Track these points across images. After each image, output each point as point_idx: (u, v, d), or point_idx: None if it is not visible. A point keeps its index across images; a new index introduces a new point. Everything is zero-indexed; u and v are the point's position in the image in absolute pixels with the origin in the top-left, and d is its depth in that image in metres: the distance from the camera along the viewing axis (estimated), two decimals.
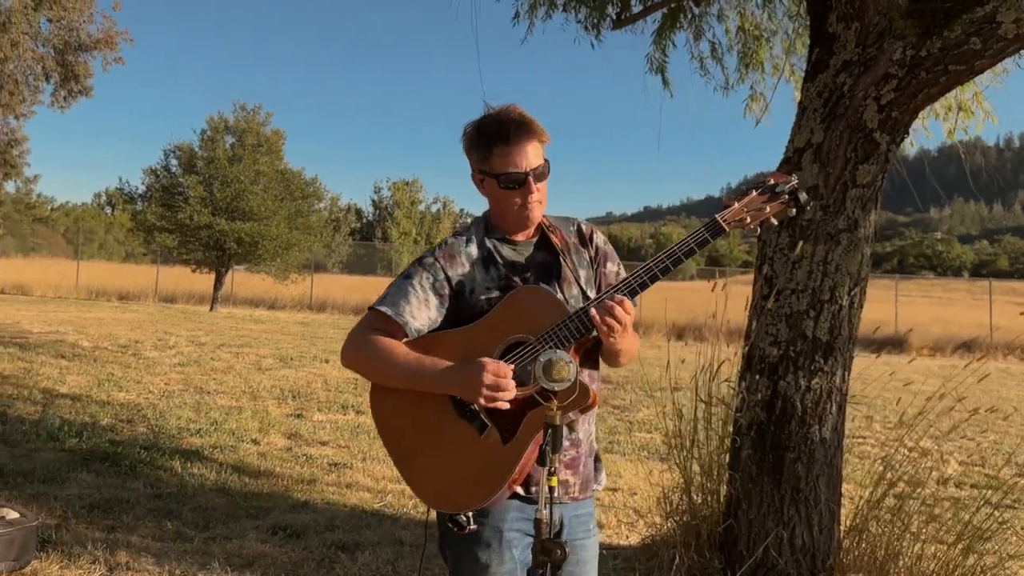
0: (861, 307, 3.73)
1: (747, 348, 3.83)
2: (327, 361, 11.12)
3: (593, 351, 2.05)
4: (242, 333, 15.08)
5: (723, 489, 3.90)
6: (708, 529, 3.81)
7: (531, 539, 1.98)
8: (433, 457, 1.89)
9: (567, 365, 1.68)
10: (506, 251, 2.01)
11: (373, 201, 60.93)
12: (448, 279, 1.96)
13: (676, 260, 1.87)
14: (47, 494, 4.59)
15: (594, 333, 1.90)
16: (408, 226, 53.00)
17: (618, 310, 1.80)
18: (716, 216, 1.86)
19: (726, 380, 3.96)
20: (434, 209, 56.91)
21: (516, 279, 1.97)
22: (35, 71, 22.51)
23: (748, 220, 1.86)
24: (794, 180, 1.87)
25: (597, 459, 2.15)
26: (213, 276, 22.42)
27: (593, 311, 1.80)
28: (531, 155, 1.92)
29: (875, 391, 7.36)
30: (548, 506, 1.67)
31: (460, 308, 1.96)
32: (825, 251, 3.63)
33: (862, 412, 8.47)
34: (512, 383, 1.78)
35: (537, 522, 1.61)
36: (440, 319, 1.96)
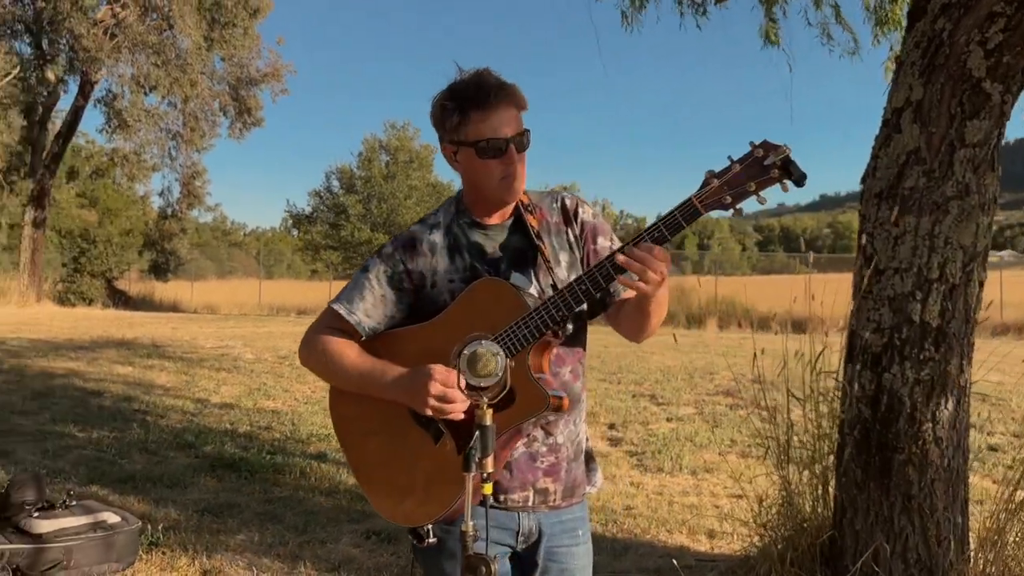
0: (981, 285, 3.23)
1: (848, 336, 3.42)
2: None
3: (578, 343, 1.84)
4: None
5: (829, 496, 3.51)
6: (809, 540, 3.43)
7: (504, 548, 1.81)
8: (388, 466, 1.75)
9: (493, 358, 1.49)
10: (476, 236, 1.82)
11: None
12: (408, 271, 1.80)
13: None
14: (169, 498, 4.85)
15: (566, 330, 1.69)
16: None
17: (647, 258, 1.57)
18: (691, 197, 1.59)
19: (826, 371, 3.56)
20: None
21: (483, 268, 1.80)
22: (212, 107, 24.45)
23: (729, 200, 1.57)
24: (786, 149, 1.56)
25: (590, 459, 1.94)
26: None
27: (621, 258, 1.58)
28: (511, 121, 1.73)
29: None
30: (485, 516, 1.49)
31: (422, 302, 1.81)
32: (931, 222, 3.16)
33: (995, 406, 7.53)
34: (463, 394, 1.59)
35: (462, 534, 1.43)
36: (400, 315, 1.81)
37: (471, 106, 1.71)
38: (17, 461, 5.39)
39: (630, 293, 1.78)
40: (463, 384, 1.52)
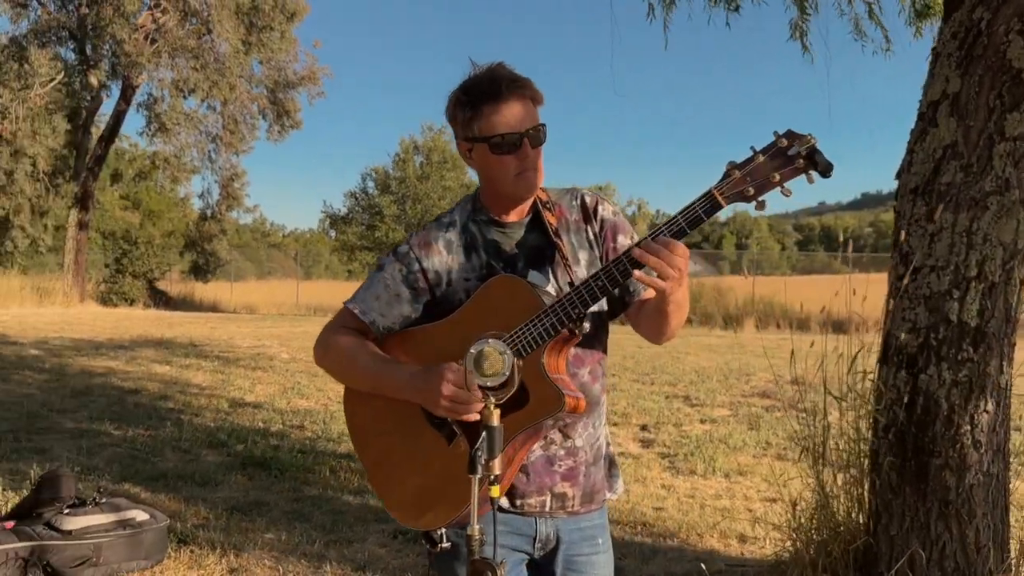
0: (1022, 284, 3.12)
1: (883, 336, 3.33)
2: None
3: (598, 344, 1.79)
4: None
5: (865, 500, 3.41)
6: (843, 546, 3.33)
7: (520, 555, 1.77)
8: (401, 467, 1.72)
9: (500, 356, 1.45)
10: (492, 234, 1.78)
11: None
12: (423, 270, 1.76)
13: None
14: (199, 496, 4.89)
15: (584, 330, 1.65)
16: None
17: (664, 252, 1.51)
18: (711, 188, 1.54)
19: (864, 372, 3.46)
20: (629, 212, 56.45)
21: (500, 267, 1.75)
22: (251, 110, 24.76)
23: (751, 191, 1.51)
24: (812, 138, 1.49)
25: (612, 464, 1.89)
26: None
27: (637, 251, 1.53)
28: (526, 115, 1.68)
29: None
30: (493, 520, 1.45)
31: (438, 301, 1.77)
32: (969, 219, 3.06)
33: None
34: (477, 394, 1.54)
35: (468, 538, 1.40)
36: (415, 315, 1.78)
37: (483, 100, 1.67)
38: (53, 458, 5.48)
39: (650, 293, 1.73)
40: (473, 384, 1.48)
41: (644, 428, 7.45)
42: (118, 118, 22.77)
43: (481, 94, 1.67)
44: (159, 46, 20.42)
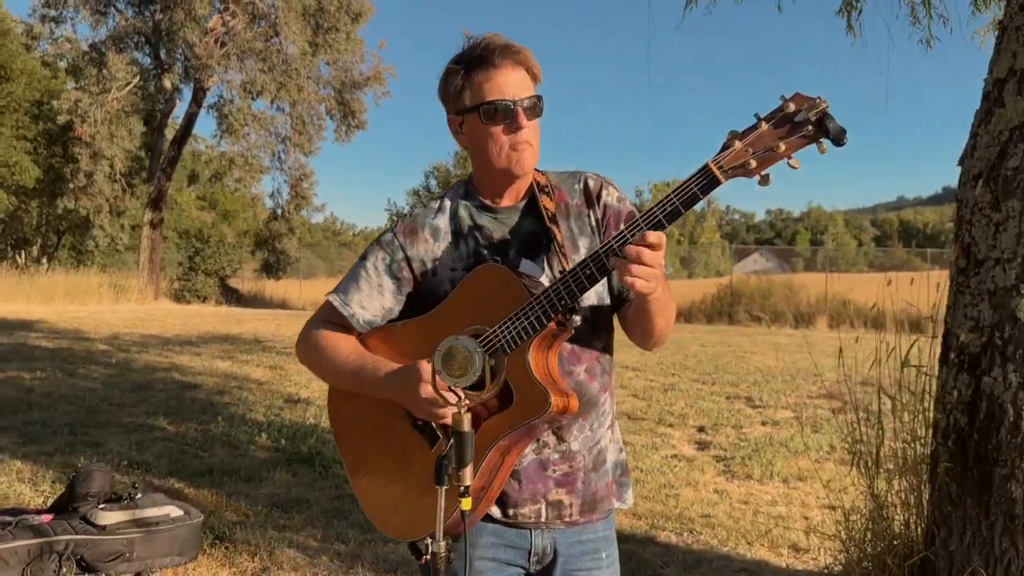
0: None
1: (943, 335, 3.07)
2: None
3: (596, 339, 1.65)
4: None
5: (924, 511, 3.16)
6: (899, 560, 3.10)
7: (514, 570, 1.64)
8: (382, 472, 1.61)
9: (470, 355, 1.32)
10: (484, 220, 1.65)
11: (636, 205, 60.54)
12: (407, 259, 1.65)
13: (658, 225, 1.41)
14: (242, 492, 4.89)
15: (574, 323, 1.50)
16: (670, 227, 51.90)
17: (643, 252, 1.37)
18: (708, 162, 1.37)
19: (917, 369, 3.21)
20: (697, 208, 55.29)
21: (489, 255, 1.62)
22: (318, 111, 25.16)
23: (753, 164, 1.34)
24: (822, 102, 1.30)
25: (623, 472, 1.73)
26: None
27: (614, 259, 1.40)
28: (520, 84, 1.56)
29: None
30: (464, 534, 1.32)
31: (423, 293, 1.65)
32: None
33: None
34: (449, 395, 1.42)
35: (433, 556, 1.27)
36: (399, 307, 1.66)
37: (475, 67, 1.56)
38: (106, 452, 5.57)
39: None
40: (443, 386, 1.35)
41: (701, 430, 7.21)
42: (190, 120, 23.41)
43: (473, 61, 1.56)
44: (228, 49, 20.90)
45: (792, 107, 1.32)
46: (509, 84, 1.54)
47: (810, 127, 1.30)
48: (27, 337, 12.22)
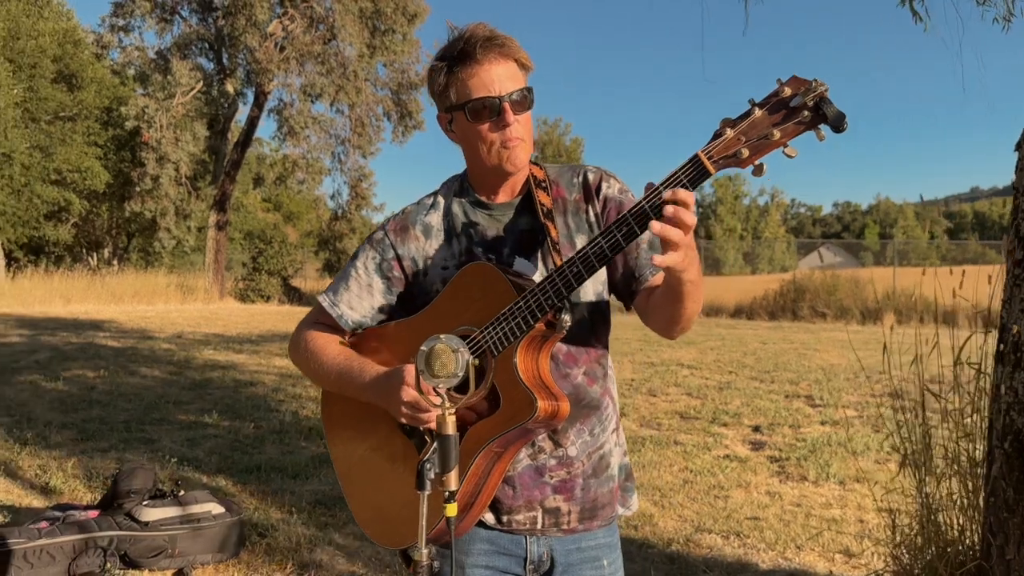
0: None
1: (999, 330, 2.90)
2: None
3: (595, 340, 1.57)
4: None
5: (978, 516, 2.99)
6: (952, 568, 2.93)
7: None
8: (371, 477, 1.56)
9: (453, 355, 1.26)
10: (478, 217, 1.59)
11: (696, 199, 59.71)
12: (398, 257, 1.60)
13: (630, 234, 1.32)
14: (288, 489, 4.93)
15: (564, 324, 1.42)
16: (732, 222, 51.18)
17: (680, 211, 1.26)
18: (698, 152, 1.28)
19: (972, 364, 3.04)
20: (761, 202, 54.37)
21: (482, 253, 1.56)
22: (376, 112, 25.44)
23: (746, 154, 1.24)
24: (820, 85, 1.21)
25: (628, 476, 1.66)
26: None
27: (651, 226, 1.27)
28: (506, 77, 1.49)
29: None
30: (451, 542, 1.26)
31: (415, 293, 1.61)
32: None
33: None
34: (433, 397, 1.36)
35: (414, 564, 1.22)
36: (390, 307, 1.62)
37: (457, 63, 1.49)
38: (158, 449, 5.69)
39: (659, 278, 1.50)
40: (428, 388, 1.30)
41: (756, 429, 7.02)
42: (252, 124, 23.91)
43: (455, 57, 1.49)
44: (288, 53, 21.27)
45: (788, 91, 1.23)
46: (494, 78, 1.48)
47: (807, 112, 1.21)
48: (95, 336, 12.64)
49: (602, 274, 1.56)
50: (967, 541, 3.00)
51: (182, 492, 3.92)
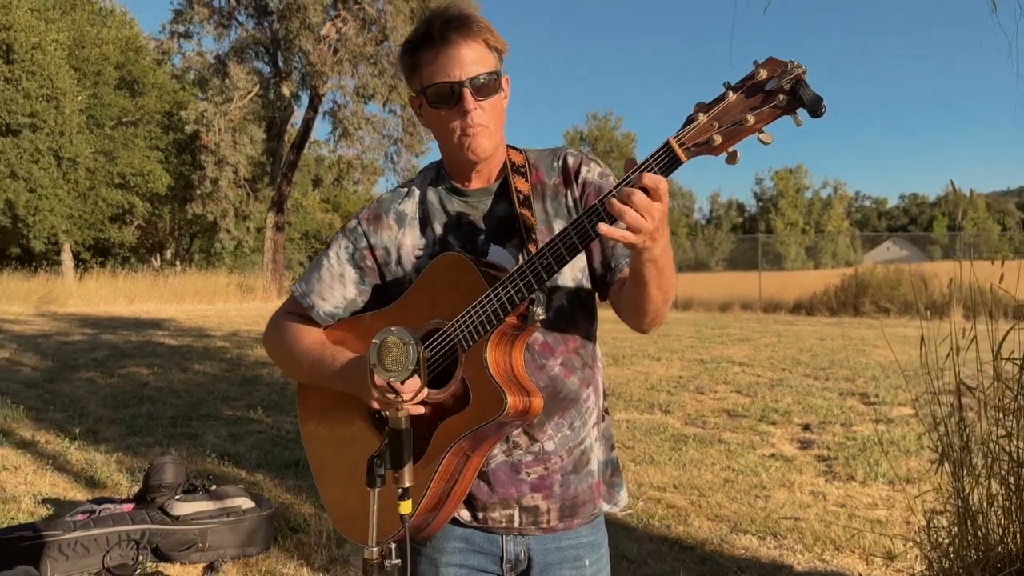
0: None
1: None
2: (658, 359, 10.78)
3: (574, 329, 1.51)
4: None
5: (1020, 519, 2.83)
6: (991, 572, 2.78)
7: (481, 575, 1.53)
8: (344, 471, 1.53)
9: (404, 347, 1.21)
10: (454, 205, 1.54)
11: (755, 193, 58.89)
12: (371, 247, 1.56)
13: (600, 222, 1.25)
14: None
15: (536, 317, 1.36)
16: (794, 215, 50.09)
17: (635, 195, 1.20)
18: (669, 138, 1.21)
19: (1014, 360, 2.88)
20: (824, 194, 53.04)
21: (456, 242, 1.51)
22: None
23: (718, 140, 1.17)
24: (798, 67, 1.14)
25: (614, 471, 1.59)
26: None
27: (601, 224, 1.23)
28: (468, 60, 1.41)
29: None
30: (406, 539, 1.23)
31: (389, 282, 1.57)
32: None
33: None
34: (411, 389, 1.31)
35: (364, 562, 1.18)
36: (362, 298, 1.58)
37: (420, 46, 1.44)
38: (202, 444, 5.80)
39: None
40: (381, 380, 1.26)
41: (806, 428, 6.83)
42: (307, 125, 24.32)
43: (418, 40, 1.45)
44: (341, 55, 21.56)
45: (764, 74, 1.16)
46: (453, 62, 1.41)
47: (783, 96, 1.14)
48: (154, 335, 13.00)
49: (581, 260, 1.50)
50: (1009, 546, 2.84)
51: (214, 487, 3.97)
